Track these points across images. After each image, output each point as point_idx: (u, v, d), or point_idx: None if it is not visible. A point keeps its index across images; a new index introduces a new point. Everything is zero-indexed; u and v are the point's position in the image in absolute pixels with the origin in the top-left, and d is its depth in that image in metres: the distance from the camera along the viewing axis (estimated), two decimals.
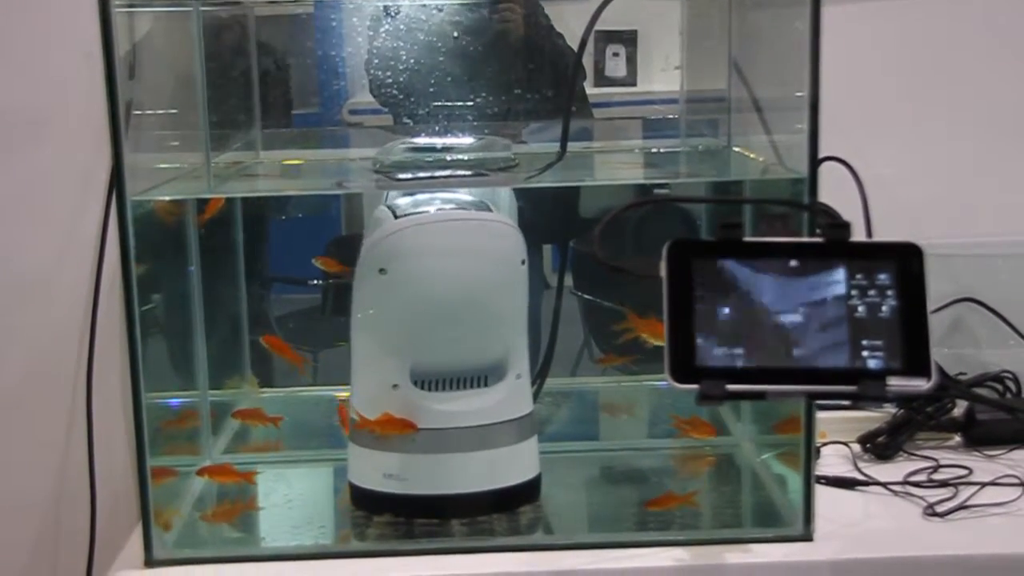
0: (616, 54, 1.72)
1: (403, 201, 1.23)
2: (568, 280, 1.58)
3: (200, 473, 1.32)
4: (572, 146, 1.31)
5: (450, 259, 1.21)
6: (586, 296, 1.75)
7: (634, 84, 1.72)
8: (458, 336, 1.22)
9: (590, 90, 1.65)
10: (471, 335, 1.22)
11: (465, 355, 1.23)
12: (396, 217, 1.20)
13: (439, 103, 1.56)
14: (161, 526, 1.16)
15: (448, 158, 1.36)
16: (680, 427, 1.38)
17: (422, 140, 1.41)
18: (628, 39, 1.72)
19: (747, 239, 1.02)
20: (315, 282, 1.71)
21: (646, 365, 1.55)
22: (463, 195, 1.25)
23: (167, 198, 1.27)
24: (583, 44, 1.31)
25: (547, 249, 1.68)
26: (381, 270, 1.19)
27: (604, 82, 1.72)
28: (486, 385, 1.23)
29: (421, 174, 1.31)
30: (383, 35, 1.61)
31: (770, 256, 1.02)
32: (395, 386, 1.21)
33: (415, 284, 1.20)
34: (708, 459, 1.41)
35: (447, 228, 1.22)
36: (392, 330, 1.22)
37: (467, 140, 1.43)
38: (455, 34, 1.58)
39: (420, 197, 1.24)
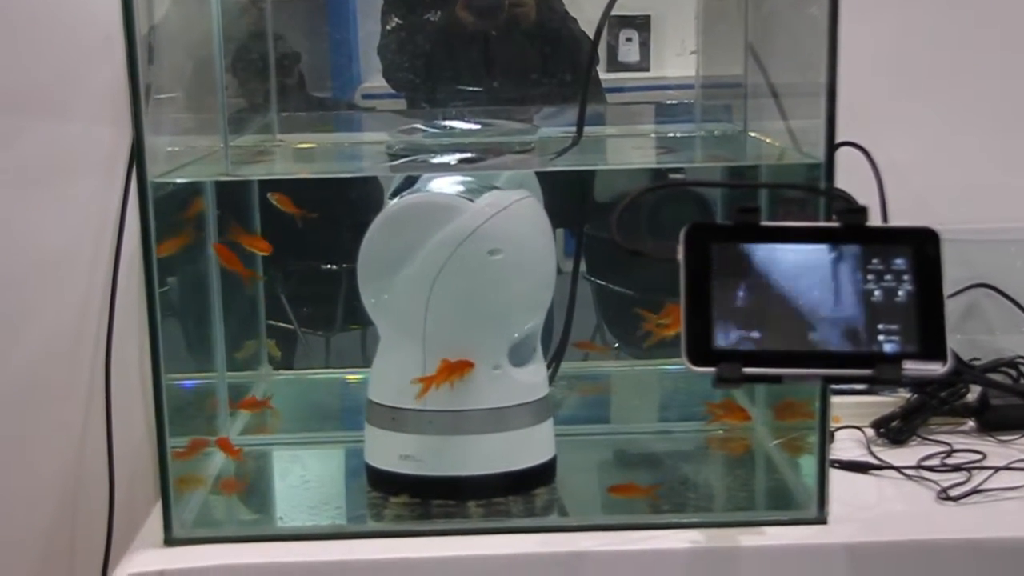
0: (629, 39, 1.72)
1: (437, 184, 1.24)
2: (581, 265, 1.58)
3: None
4: (586, 131, 1.31)
5: (539, 237, 1.24)
6: (599, 281, 1.75)
7: (647, 69, 1.72)
8: (539, 312, 1.25)
9: (603, 75, 1.65)
10: (541, 311, 1.26)
11: (532, 331, 1.26)
12: (471, 200, 1.20)
13: (452, 88, 1.56)
14: (180, 506, 1.17)
15: (466, 140, 1.37)
16: (713, 412, 1.39)
17: (453, 124, 1.42)
18: (641, 24, 1.72)
19: (764, 223, 1.03)
20: (329, 266, 1.71)
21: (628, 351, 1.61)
22: (466, 176, 1.26)
23: (186, 180, 1.27)
24: (599, 32, 1.31)
25: (559, 234, 1.68)
26: (492, 251, 1.19)
27: (617, 67, 1.72)
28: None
29: (456, 158, 1.32)
30: (396, 19, 1.61)
31: (787, 240, 1.02)
32: (496, 367, 1.22)
33: (528, 263, 1.22)
34: (723, 442, 1.42)
35: (528, 207, 1.24)
36: (498, 312, 1.22)
37: (476, 126, 1.44)
38: (470, 19, 1.58)
39: (445, 178, 1.24)
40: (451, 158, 1.33)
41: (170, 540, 1.15)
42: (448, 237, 1.19)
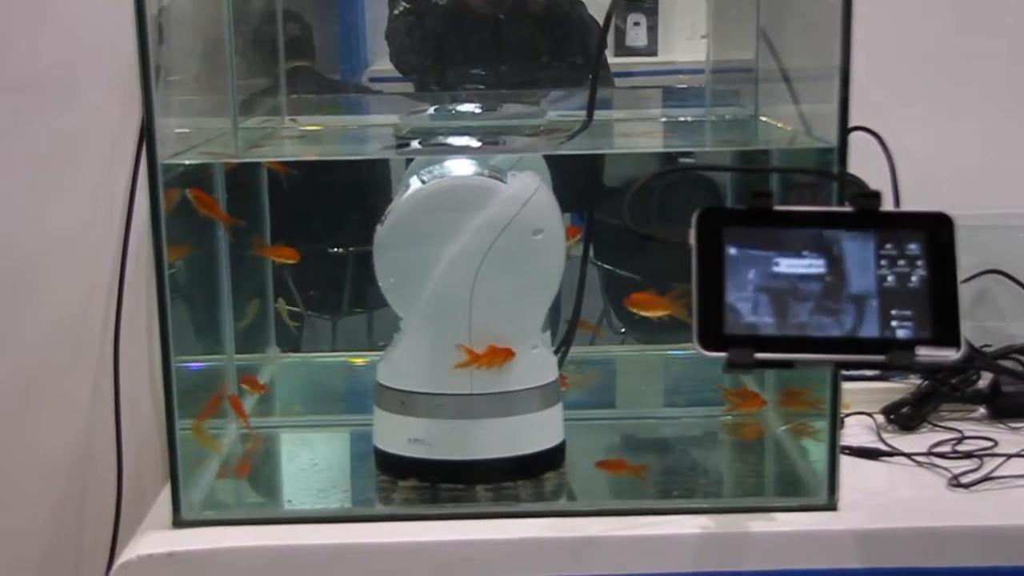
0: (637, 23, 1.72)
1: (453, 165, 1.23)
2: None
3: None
4: (595, 115, 1.31)
5: (560, 217, 1.25)
6: (605, 266, 1.75)
7: (655, 54, 1.72)
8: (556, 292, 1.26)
9: (610, 60, 1.64)
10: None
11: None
12: (504, 182, 1.20)
13: (459, 72, 1.56)
14: (189, 488, 1.17)
15: (474, 124, 1.37)
16: (730, 399, 1.38)
17: (461, 108, 1.42)
18: (649, 9, 1.72)
19: (777, 208, 1.02)
20: (336, 250, 1.71)
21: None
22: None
23: (196, 161, 1.27)
24: (609, 15, 1.31)
25: (565, 218, 1.68)
26: (535, 231, 1.20)
27: (625, 51, 1.71)
28: None
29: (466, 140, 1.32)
30: (404, 3, 1.61)
31: (800, 225, 1.02)
32: (534, 346, 1.23)
33: (560, 242, 1.23)
34: (733, 428, 1.42)
35: (546, 189, 1.25)
36: (537, 291, 1.23)
37: (481, 109, 1.44)
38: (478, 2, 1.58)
39: (450, 163, 1.24)
40: (464, 141, 1.33)
41: (179, 522, 1.15)
42: (494, 218, 1.19)
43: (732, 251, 1.01)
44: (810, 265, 1.01)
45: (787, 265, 1.01)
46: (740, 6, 1.45)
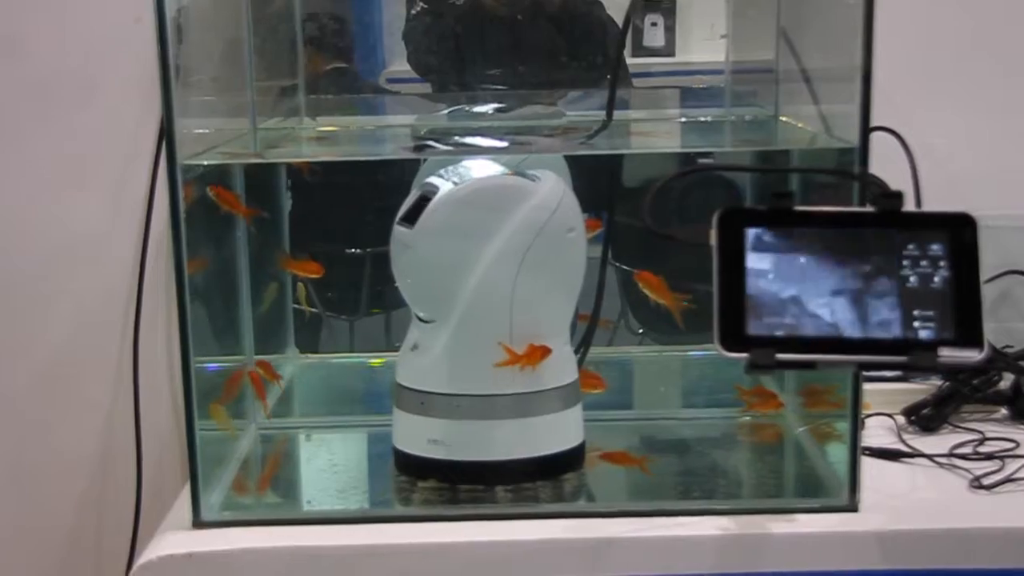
0: (655, 24, 1.71)
1: (473, 164, 1.23)
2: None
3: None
4: (615, 115, 1.31)
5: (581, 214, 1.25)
6: (624, 267, 1.75)
7: (672, 54, 1.71)
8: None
9: (628, 60, 1.64)
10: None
11: None
12: (534, 181, 1.20)
13: (477, 72, 1.56)
14: (208, 489, 1.17)
15: (493, 124, 1.37)
16: (746, 399, 1.38)
17: (480, 108, 1.41)
18: (667, 9, 1.72)
19: (798, 208, 1.02)
20: (354, 250, 1.71)
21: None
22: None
23: (216, 162, 1.27)
24: (628, 20, 1.31)
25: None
26: (569, 229, 1.21)
27: (642, 52, 1.71)
28: None
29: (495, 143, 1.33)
30: (421, 4, 1.61)
31: (821, 225, 1.02)
32: (565, 343, 1.24)
33: (584, 239, 1.24)
34: (752, 429, 1.41)
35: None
36: (569, 288, 1.24)
37: (492, 108, 1.44)
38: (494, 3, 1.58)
39: (468, 163, 1.24)
40: (483, 141, 1.33)
41: (199, 523, 1.15)
42: (532, 216, 1.19)
43: (753, 251, 1.00)
44: (831, 265, 1.00)
45: (808, 265, 1.00)
46: (760, 6, 1.44)
